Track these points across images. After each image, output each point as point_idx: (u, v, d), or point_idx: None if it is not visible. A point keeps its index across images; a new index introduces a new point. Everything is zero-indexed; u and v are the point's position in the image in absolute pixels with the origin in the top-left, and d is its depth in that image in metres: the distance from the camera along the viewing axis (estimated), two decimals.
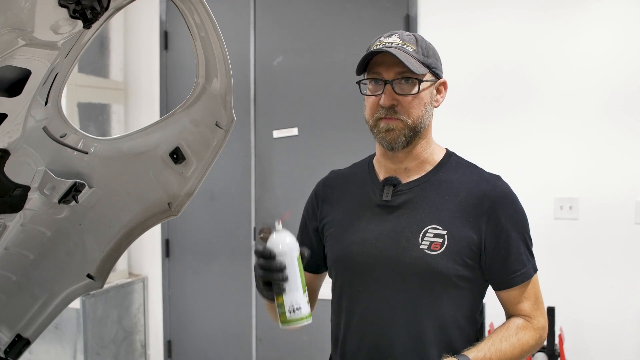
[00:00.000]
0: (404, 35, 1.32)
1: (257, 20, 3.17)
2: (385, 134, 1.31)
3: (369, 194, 1.40)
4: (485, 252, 1.31)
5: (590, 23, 2.57)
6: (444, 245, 1.28)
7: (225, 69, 1.20)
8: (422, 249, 1.29)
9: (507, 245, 1.31)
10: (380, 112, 1.31)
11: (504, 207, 1.32)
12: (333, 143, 2.98)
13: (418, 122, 1.31)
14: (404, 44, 1.30)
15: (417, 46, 1.31)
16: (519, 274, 1.32)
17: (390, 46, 1.29)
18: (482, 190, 1.33)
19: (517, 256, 1.32)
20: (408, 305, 1.31)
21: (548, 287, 2.35)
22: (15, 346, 1.49)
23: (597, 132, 2.56)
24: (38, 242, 1.41)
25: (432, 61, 1.33)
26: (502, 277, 1.33)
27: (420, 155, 1.37)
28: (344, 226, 1.41)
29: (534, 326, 1.33)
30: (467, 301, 1.34)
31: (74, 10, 0.92)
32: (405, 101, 1.30)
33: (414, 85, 1.30)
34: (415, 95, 1.29)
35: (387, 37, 1.32)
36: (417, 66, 1.28)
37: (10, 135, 1.12)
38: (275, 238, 1.22)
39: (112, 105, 3.31)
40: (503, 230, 1.31)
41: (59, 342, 3.08)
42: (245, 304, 3.27)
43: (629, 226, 2.52)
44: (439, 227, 1.30)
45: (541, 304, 1.37)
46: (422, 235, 1.30)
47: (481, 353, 1.23)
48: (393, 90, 1.29)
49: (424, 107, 1.32)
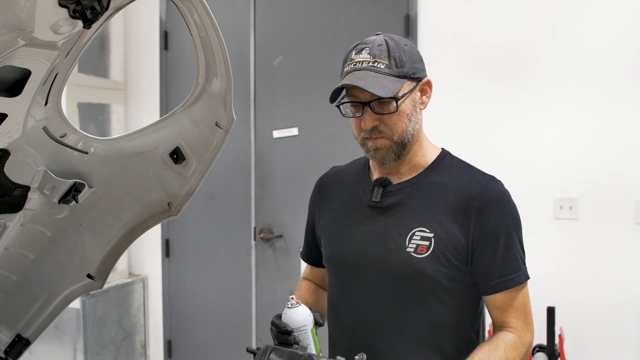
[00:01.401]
0: (374, 47, 1.27)
1: (257, 20, 3.17)
2: (374, 152, 1.32)
3: (360, 194, 1.41)
4: (473, 255, 1.28)
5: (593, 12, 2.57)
6: (431, 248, 1.27)
7: (225, 69, 1.20)
8: (408, 252, 1.29)
9: (494, 249, 1.27)
10: (365, 133, 1.30)
11: (493, 209, 1.29)
12: (333, 143, 2.98)
13: (404, 135, 1.30)
14: (374, 61, 1.26)
15: (390, 59, 1.26)
16: (506, 279, 1.28)
17: (360, 67, 1.26)
18: (472, 192, 1.30)
19: (504, 261, 1.28)
20: (395, 307, 1.31)
21: (548, 287, 2.36)
22: (15, 346, 1.49)
23: (597, 133, 2.56)
24: (38, 242, 1.41)
25: (409, 68, 1.28)
26: (488, 281, 1.29)
27: (413, 159, 1.37)
28: (336, 225, 1.42)
29: (522, 341, 1.29)
30: (458, 303, 1.32)
31: (74, 10, 0.92)
32: (386, 119, 1.28)
33: (392, 103, 1.27)
34: (395, 112, 1.27)
35: (357, 54, 1.29)
36: (389, 86, 1.24)
37: (10, 135, 1.12)
38: (289, 313, 1.29)
39: (112, 105, 3.31)
40: (491, 233, 1.27)
41: (59, 342, 3.08)
42: (245, 303, 3.27)
43: (629, 226, 2.52)
44: (426, 230, 1.29)
45: (530, 316, 1.32)
46: (409, 237, 1.29)
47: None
48: (372, 111, 1.27)
49: (407, 118, 1.29)
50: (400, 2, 2.85)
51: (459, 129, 2.70)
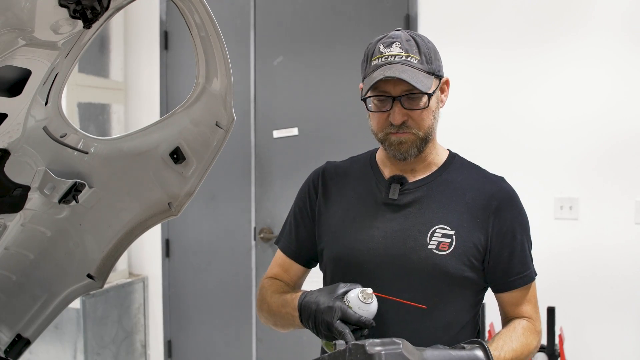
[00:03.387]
0: (403, 42, 1.26)
1: (257, 20, 3.17)
2: (398, 146, 1.30)
3: (373, 191, 1.38)
4: (490, 253, 1.30)
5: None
6: (452, 245, 1.27)
7: (225, 69, 1.20)
8: (430, 249, 1.28)
9: (511, 247, 1.31)
10: (391, 128, 1.28)
11: (510, 208, 1.32)
12: (333, 143, 2.98)
13: (429, 132, 1.31)
14: (407, 55, 1.24)
15: (420, 54, 1.25)
16: (523, 275, 1.32)
17: (394, 60, 1.24)
18: (489, 191, 1.32)
19: (520, 258, 1.32)
20: (411, 305, 1.29)
21: (548, 287, 2.36)
22: (16, 346, 1.49)
23: (598, 133, 2.56)
24: (38, 242, 1.41)
25: (436, 65, 1.29)
26: (506, 278, 1.32)
27: (427, 157, 1.37)
28: (345, 223, 1.38)
29: (536, 328, 1.33)
30: (469, 302, 1.33)
31: (74, 10, 0.92)
32: (415, 115, 1.27)
33: (423, 98, 1.26)
34: (426, 107, 1.27)
35: (386, 47, 1.26)
36: (424, 82, 1.24)
37: (10, 135, 1.11)
38: (371, 309, 1.19)
39: (112, 105, 3.31)
40: (509, 231, 1.30)
41: (59, 342, 3.08)
42: (245, 304, 3.27)
43: (629, 226, 2.52)
44: (447, 227, 1.29)
45: (538, 310, 1.37)
46: (430, 234, 1.29)
47: (496, 352, 1.20)
48: (402, 106, 1.26)
49: (432, 115, 1.30)
50: (400, 2, 2.85)
51: (459, 130, 2.70)
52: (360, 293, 1.17)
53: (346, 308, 1.16)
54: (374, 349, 0.99)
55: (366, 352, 0.99)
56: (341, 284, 1.22)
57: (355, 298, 1.17)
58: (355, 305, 1.16)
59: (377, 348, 0.99)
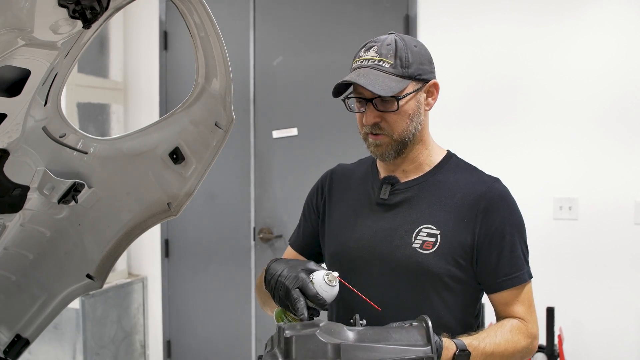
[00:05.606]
0: (382, 46, 1.29)
1: (256, 21, 3.17)
2: (375, 148, 1.35)
3: (368, 191, 1.42)
4: (479, 254, 1.30)
5: (588, 28, 2.57)
6: (437, 244, 1.29)
7: (225, 69, 1.20)
8: (414, 248, 1.30)
9: (500, 247, 1.30)
10: (366, 128, 1.33)
11: (499, 208, 1.32)
12: (333, 143, 2.98)
13: (404, 134, 1.32)
14: (380, 59, 1.28)
15: (396, 58, 1.28)
16: (512, 277, 1.31)
17: (365, 65, 1.28)
18: (479, 191, 1.33)
19: (510, 259, 1.31)
20: (398, 303, 1.31)
21: (548, 287, 2.36)
22: (15, 346, 1.49)
23: (598, 132, 2.56)
24: (37, 242, 1.41)
25: (415, 69, 1.29)
26: (494, 279, 1.31)
27: (417, 158, 1.39)
28: (342, 222, 1.43)
29: (528, 330, 1.31)
30: (458, 303, 1.33)
31: (73, 10, 0.92)
32: (389, 117, 1.30)
33: (394, 102, 1.29)
34: (396, 110, 1.29)
35: (365, 52, 1.31)
36: (391, 85, 1.26)
37: (10, 135, 1.11)
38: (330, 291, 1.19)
39: (111, 105, 3.31)
40: (497, 232, 1.30)
41: (58, 342, 3.08)
42: (244, 304, 3.27)
43: (629, 226, 2.52)
44: (432, 227, 1.31)
45: (534, 312, 1.35)
46: (415, 234, 1.31)
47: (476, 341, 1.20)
48: (375, 108, 1.30)
49: (408, 118, 1.31)
50: (400, 2, 2.85)
51: (459, 130, 2.70)
52: (326, 275, 1.20)
53: (308, 281, 1.18)
54: (289, 332, 1.03)
55: (283, 335, 1.03)
56: (313, 262, 1.26)
57: (320, 278, 1.20)
58: (318, 283, 1.19)
59: (291, 331, 1.03)
